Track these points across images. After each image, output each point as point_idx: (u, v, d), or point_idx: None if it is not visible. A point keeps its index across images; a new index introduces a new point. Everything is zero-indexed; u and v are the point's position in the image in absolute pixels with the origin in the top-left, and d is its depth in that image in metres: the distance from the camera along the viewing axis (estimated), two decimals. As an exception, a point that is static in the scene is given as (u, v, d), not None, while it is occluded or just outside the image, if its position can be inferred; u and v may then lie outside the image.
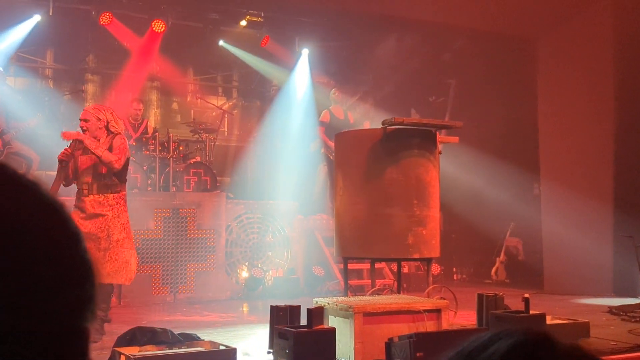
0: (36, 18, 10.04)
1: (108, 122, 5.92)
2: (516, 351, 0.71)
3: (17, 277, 0.53)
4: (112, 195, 5.84)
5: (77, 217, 5.59)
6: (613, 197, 9.45)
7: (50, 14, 10.03)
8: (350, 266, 8.67)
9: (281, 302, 5.23)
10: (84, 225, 5.62)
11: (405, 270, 10.00)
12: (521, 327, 0.75)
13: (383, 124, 6.42)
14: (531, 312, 5.08)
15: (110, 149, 5.83)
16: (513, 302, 5.80)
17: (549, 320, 5.49)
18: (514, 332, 0.74)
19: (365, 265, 9.23)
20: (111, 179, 5.86)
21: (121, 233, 5.79)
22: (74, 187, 6.07)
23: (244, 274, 9.25)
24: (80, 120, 5.88)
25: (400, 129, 6.44)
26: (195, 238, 8.96)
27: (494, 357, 0.71)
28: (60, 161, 5.79)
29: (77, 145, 5.85)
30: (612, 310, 7.18)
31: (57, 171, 5.83)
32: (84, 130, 5.83)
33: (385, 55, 13.01)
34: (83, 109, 6.13)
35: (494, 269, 11.75)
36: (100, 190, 5.80)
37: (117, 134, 5.95)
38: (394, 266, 8.43)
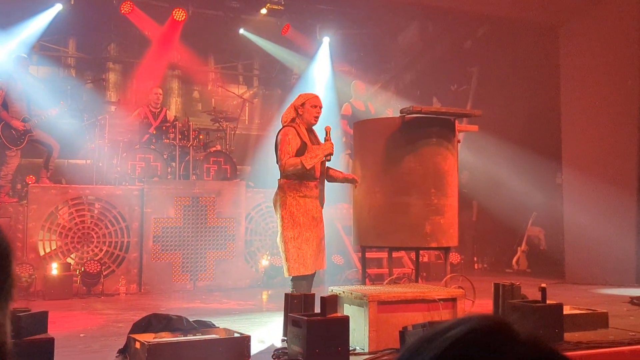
0: (58, 7, 10.12)
1: None
2: (470, 336, 0.72)
3: None
4: None
5: (316, 207, 5.64)
6: (637, 186, 9.30)
7: (72, 2, 10.12)
8: (369, 255, 8.66)
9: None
10: (319, 216, 5.69)
11: (425, 259, 9.96)
12: (482, 315, 0.76)
13: (401, 112, 6.37)
14: (548, 301, 5.03)
15: None
16: (533, 291, 5.73)
17: (567, 310, 5.43)
18: (473, 318, 0.75)
19: (385, 254, 9.19)
20: None
21: None
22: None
23: (264, 262, 9.27)
24: (319, 109, 5.81)
25: (419, 117, 6.38)
26: (215, 226, 9.00)
27: (448, 340, 0.72)
28: (329, 155, 5.68)
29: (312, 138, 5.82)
30: (633, 301, 7.09)
31: (321, 162, 5.71)
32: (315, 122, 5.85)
33: (407, 44, 12.93)
34: (317, 100, 5.86)
35: (515, 259, 11.66)
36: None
37: None
38: (414, 255, 8.39)
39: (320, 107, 5.82)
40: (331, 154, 5.66)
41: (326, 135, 5.76)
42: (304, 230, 5.55)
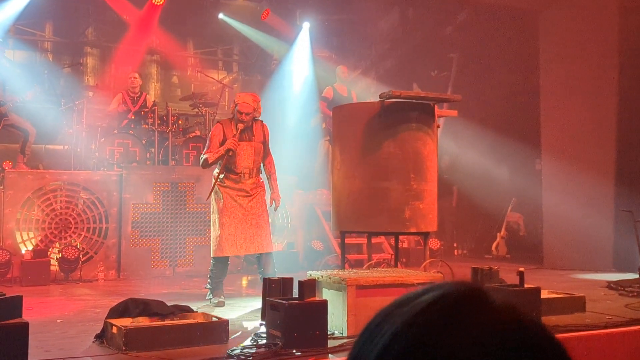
0: (34, -10, 9.95)
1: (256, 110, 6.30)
2: (442, 301, 0.70)
3: None
4: (260, 178, 6.36)
5: (241, 198, 6.15)
6: (614, 172, 9.37)
7: (49, -15, 9.95)
8: (349, 241, 8.66)
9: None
10: (249, 206, 6.16)
11: (405, 245, 9.99)
12: (457, 281, 0.74)
13: (380, 97, 6.35)
14: (526, 285, 5.06)
15: (265, 137, 6.33)
16: (512, 276, 5.76)
17: (545, 295, 5.47)
18: (447, 284, 0.73)
19: (365, 240, 9.19)
20: (260, 165, 6.38)
21: (266, 209, 6.33)
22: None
23: (244, 248, 9.22)
24: (242, 113, 6.11)
25: (398, 102, 6.37)
26: (194, 212, 8.95)
27: (419, 305, 0.70)
28: (230, 150, 6.09)
29: (240, 135, 6.17)
30: (610, 285, 7.16)
31: (221, 156, 6.13)
32: (243, 122, 6.13)
33: (387, 30, 12.89)
34: (243, 101, 6.15)
35: (494, 244, 11.73)
36: (257, 174, 6.32)
37: (260, 120, 6.40)
38: (393, 241, 8.40)
39: (247, 114, 6.14)
40: (231, 149, 6.09)
41: (236, 133, 6.16)
42: (220, 215, 6.14)
